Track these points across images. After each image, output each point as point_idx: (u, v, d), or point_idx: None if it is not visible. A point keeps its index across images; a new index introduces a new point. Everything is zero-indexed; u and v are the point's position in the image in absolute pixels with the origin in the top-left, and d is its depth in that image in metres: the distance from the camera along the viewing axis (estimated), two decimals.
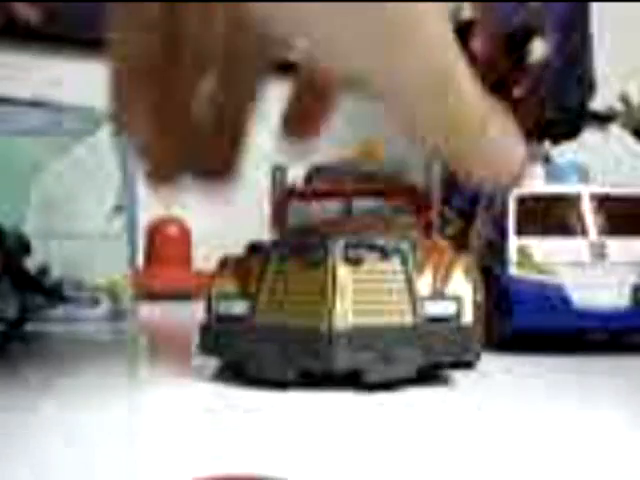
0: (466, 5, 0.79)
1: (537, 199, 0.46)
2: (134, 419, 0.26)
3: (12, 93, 0.65)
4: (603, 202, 0.46)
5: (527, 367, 0.37)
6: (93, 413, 0.24)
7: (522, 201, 0.46)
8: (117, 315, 0.54)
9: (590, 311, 0.43)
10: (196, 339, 0.32)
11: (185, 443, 0.21)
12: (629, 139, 0.79)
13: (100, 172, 0.58)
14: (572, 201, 0.46)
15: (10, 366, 0.34)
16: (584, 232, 0.45)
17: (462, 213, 0.69)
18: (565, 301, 0.43)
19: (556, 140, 0.80)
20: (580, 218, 0.45)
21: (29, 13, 0.91)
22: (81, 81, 0.94)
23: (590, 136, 0.78)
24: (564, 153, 0.68)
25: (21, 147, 0.57)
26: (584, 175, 0.53)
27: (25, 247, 0.45)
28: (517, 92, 0.82)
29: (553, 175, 0.53)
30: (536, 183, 0.49)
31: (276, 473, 0.18)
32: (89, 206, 0.57)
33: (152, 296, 0.68)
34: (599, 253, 0.44)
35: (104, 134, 0.58)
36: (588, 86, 1.53)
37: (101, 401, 0.26)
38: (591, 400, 0.28)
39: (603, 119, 1.39)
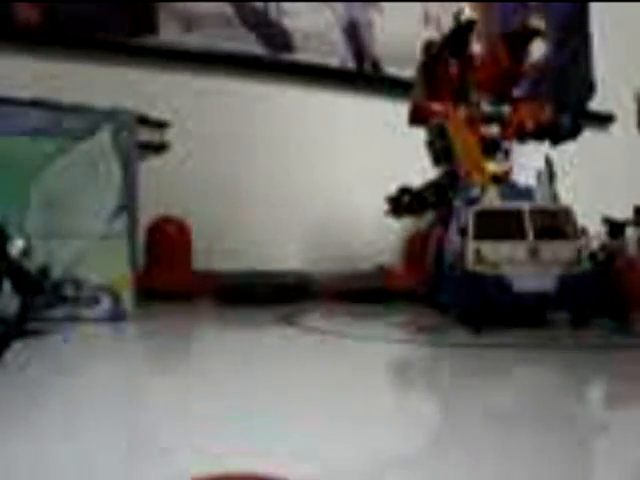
0: (466, 6, 0.79)
1: (490, 213, 0.60)
2: None
3: (12, 93, 0.65)
4: (538, 215, 0.59)
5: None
6: None
7: (479, 215, 0.60)
8: (118, 315, 0.54)
9: (525, 295, 0.57)
10: None
11: None
12: None
13: (101, 172, 0.58)
14: (516, 215, 0.59)
15: (11, 365, 0.34)
16: (523, 237, 0.58)
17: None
18: (506, 288, 0.57)
19: (556, 140, 0.80)
20: (521, 227, 0.58)
21: (30, 14, 0.92)
22: (81, 81, 0.94)
23: None
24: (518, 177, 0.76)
25: (21, 147, 0.57)
26: (528, 194, 0.65)
27: None
28: (517, 92, 0.81)
29: (505, 194, 0.65)
30: (491, 201, 0.62)
31: None
32: (90, 206, 0.57)
33: (153, 296, 0.68)
34: (534, 252, 0.57)
35: (105, 134, 0.58)
36: (588, 86, 1.53)
37: None
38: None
39: (603, 119, 1.39)
